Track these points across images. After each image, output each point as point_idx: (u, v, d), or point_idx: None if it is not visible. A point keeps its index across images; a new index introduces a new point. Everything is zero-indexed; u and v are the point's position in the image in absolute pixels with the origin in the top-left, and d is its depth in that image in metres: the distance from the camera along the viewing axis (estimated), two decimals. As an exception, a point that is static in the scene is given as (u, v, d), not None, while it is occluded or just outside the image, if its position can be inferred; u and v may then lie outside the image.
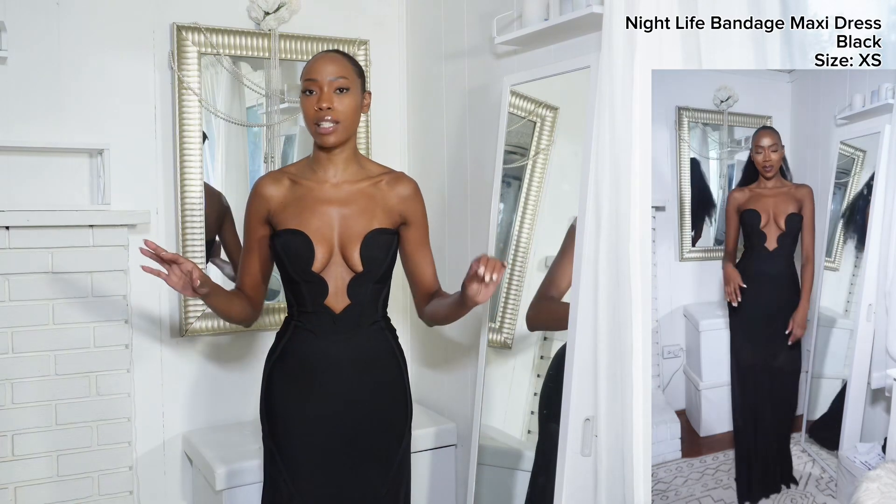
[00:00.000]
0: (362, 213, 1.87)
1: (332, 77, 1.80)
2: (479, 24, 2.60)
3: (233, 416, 2.77)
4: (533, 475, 2.22)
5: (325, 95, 1.79)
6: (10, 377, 2.33)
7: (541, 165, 2.33)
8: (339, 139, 1.83)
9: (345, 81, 1.81)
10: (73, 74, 2.50)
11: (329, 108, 1.79)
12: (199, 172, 2.63)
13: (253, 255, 1.94)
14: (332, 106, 1.79)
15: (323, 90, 1.80)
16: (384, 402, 1.92)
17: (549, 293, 2.14)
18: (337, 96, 1.80)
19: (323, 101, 1.79)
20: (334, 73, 1.80)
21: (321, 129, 1.81)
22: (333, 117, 1.80)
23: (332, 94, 1.80)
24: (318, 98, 1.80)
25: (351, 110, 1.82)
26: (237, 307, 1.93)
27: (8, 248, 2.31)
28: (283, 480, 1.87)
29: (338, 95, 1.80)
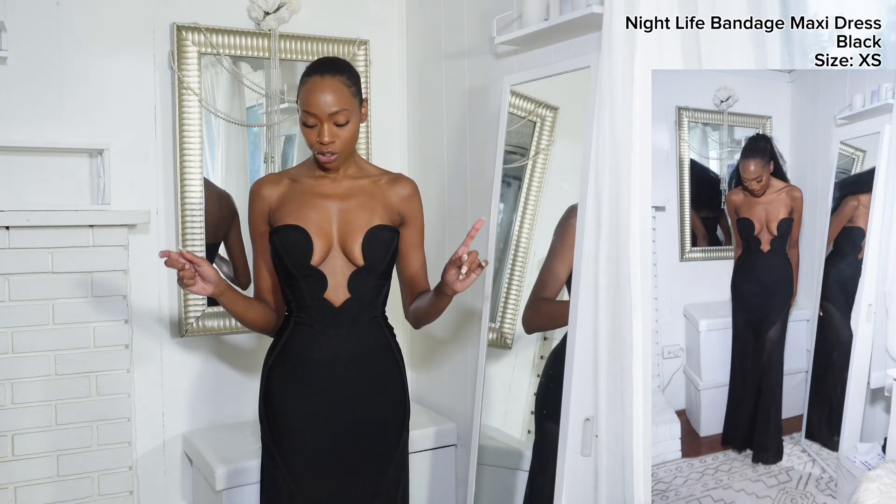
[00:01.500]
0: (363, 209, 1.88)
1: (332, 111, 1.79)
2: (479, 24, 2.60)
3: (233, 416, 2.77)
4: (530, 475, 2.22)
5: (327, 131, 1.79)
6: (10, 377, 2.33)
7: (541, 165, 2.33)
8: (340, 163, 1.87)
9: (345, 115, 1.80)
10: (73, 74, 2.50)
11: (331, 143, 1.81)
12: (199, 172, 2.63)
13: (264, 258, 1.94)
14: (334, 139, 1.81)
15: (323, 125, 1.80)
16: (383, 399, 1.92)
17: (543, 294, 2.14)
18: (337, 128, 1.81)
19: (324, 136, 1.79)
20: (334, 107, 1.79)
21: (323, 159, 1.84)
22: (334, 149, 1.82)
23: (332, 128, 1.80)
24: (319, 132, 1.80)
25: (351, 136, 1.84)
26: (256, 311, 1.92)
27: (8, 248, 2.31)
28: (281, 478, 1.88)
29: (338, 128, 1.81)
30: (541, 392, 2.21)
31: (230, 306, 1.87)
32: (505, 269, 2.39)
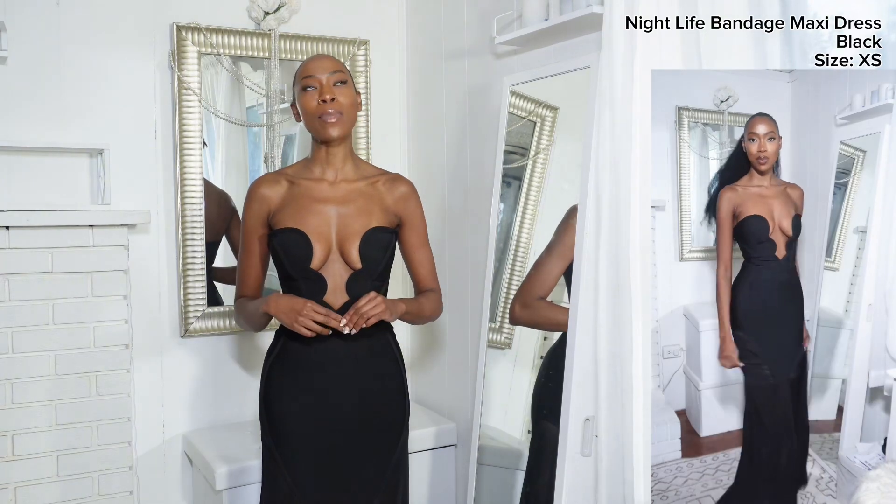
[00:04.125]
0: (360, 212, 1.90)
1: (330, 72, 1.89)
2: (479, 24, 2.60)
3: (233, 416, 2.77)
4: (527, 474, 2.22)
5: (327, 88, 1.87)
6: (10, 377, 2.33)
7: (541, 165, 2.33)
8: (342, 131, 1.90)
9: (342, 75, 1.91)
10: (73, 74, 2.50)
11: (333, 100, 1.87)
12: (199, 172, 2.63)
13: (255, 258, 1.97)
14: (335, 97, 1.87)
15: (323, 84, 1.88)
16: (382, 398, 1.93)
17: (538, 292, 2.13)
18: (337, 89, 1.89)
19: (325, 93, 1.87)
20: (331, 69, 1.90)
21: (326, 119, 1.87)
22: (336, 108, 1.87)
23: (332, 87, 1.88)
24: (320, 92, 1.87)
25: (350, 102, 1.91)
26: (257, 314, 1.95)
27: (8, 248, 2.31)
28: (282, 477, 1.88)
29: (338, 88, 1.89)
30: (537, 391, 2.20)
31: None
32: (505, 269, 2.39)
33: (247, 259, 1.97)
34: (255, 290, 1.99)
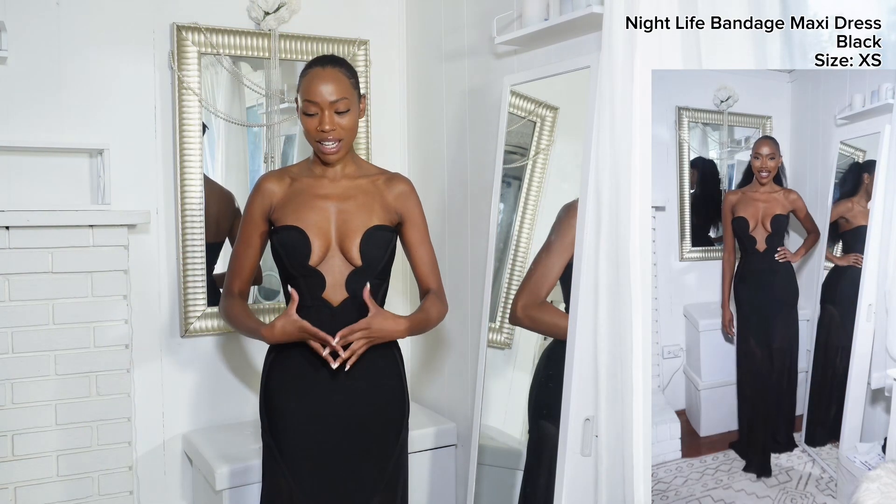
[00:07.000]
0: (361, 209, 1.90)
1: (333, 99, 1.83)
2: (479, 24, 2.60)
3: (233, 416, 2.77)
4: (525, 473, 2.22)
5: (328, 119, 1.84)
6: (10, 377, 2.33)
7: (541, 165, 2.33)
8: (340, 155, 1.89)
9: (345, 103, 1.85)
10: (73, 74, 2.50)
11: (332, 130, 1.84)
12: (199, 172, 2.63)
13: (252, 249, 1.97)
14: (335, 127, 1.85)
15: (324, 113, 1.84)
16: (382, 398, 1.93)
17: (542, 294, 2.12)
18: (338, 117, 1.85)
19: (325, 124, 1.83)
20: (334, 95, 1.83)
21: (325, 148, 1.86)
22: (336, 136, 1.85)
23: (333, 116, 1.84)
24: (320, 121, 1.84)
25: (352, 126, 1.88)
26: (246, 314, 1.96)
27: (8, 248, 2.31)
28: (282, 476, 1.88)
29: (339, 116, 1.85)
30: (535, 390, 2.20)
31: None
32: (505, 269, 2.39)
33: (243, 250, 1.98)
34: (245, 283, 1.99)
